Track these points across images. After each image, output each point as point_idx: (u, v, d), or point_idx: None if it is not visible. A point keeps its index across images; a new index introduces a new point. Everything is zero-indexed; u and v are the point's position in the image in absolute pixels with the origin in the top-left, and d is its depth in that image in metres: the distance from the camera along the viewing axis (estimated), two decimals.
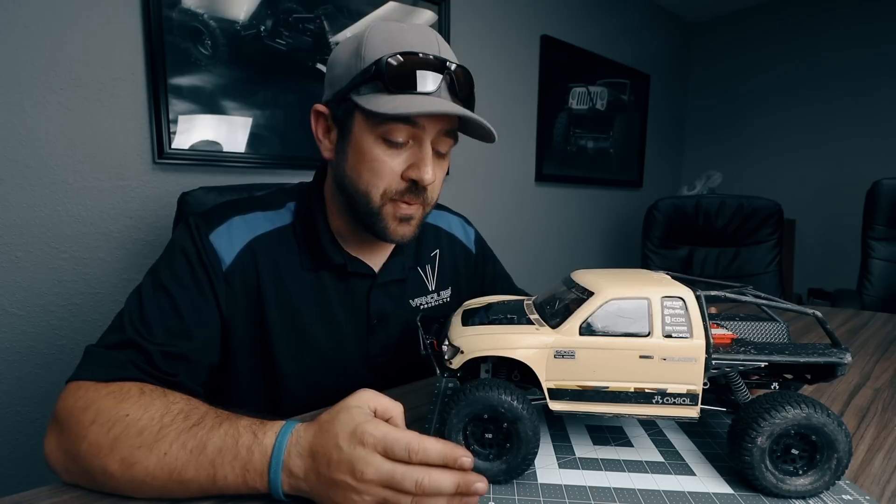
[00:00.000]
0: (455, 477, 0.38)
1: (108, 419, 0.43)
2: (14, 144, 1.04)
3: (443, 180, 0.65)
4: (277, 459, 0.39)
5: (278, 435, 0.40)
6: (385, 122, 0.55)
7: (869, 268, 1.81)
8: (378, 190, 0.58)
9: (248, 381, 0.64)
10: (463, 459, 0.38)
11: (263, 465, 0.39)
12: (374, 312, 0.68)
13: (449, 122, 0.59)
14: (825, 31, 2.59)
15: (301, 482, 0.39)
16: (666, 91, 2.98)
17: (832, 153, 2.59)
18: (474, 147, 1.98)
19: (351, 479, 0.37)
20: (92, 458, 0.42)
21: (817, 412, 0.40)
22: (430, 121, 0.56)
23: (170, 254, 0.59)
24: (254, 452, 0.39)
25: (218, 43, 1.27)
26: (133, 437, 0.41)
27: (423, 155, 0.57)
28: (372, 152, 0.57)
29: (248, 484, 0.39)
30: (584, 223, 2.59)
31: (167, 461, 0.40)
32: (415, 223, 0.63)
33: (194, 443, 0.41)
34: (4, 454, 1.10)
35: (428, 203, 0.63)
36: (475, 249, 0.85)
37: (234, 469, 0.39)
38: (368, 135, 0.57)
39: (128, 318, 0.53)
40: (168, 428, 0.42)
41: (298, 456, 0.39)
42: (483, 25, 1.94)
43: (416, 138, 0.58)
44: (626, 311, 0.43)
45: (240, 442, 0.40)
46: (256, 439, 0.40)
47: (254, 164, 1.37)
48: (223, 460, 0.40)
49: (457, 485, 0.37)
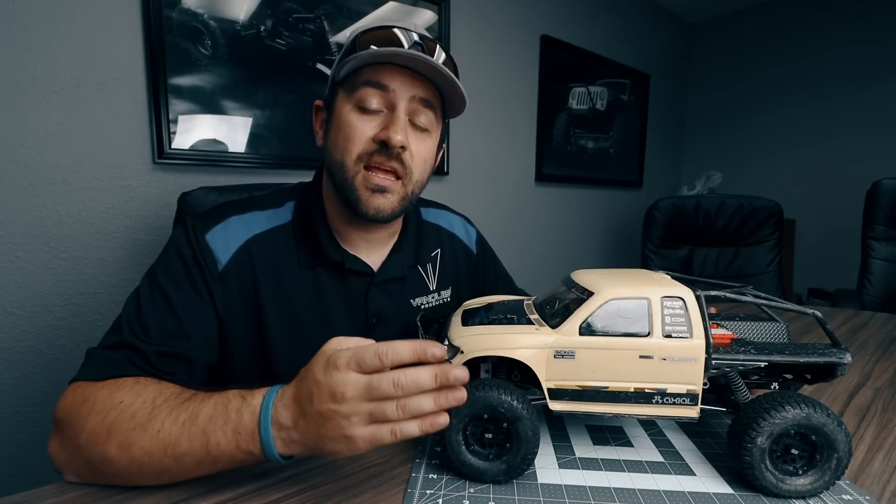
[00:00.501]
0: (431, 369, 0.38)
1: (104, 408, 0.44)
2: (14, 144, 1.04)
3: (428, 161, 0.64)
4: (266, 416, 0.39)
5: (265, 394, 0.41)
6: (358, 87, 0.58)
7: (869, 268, 1.81)
8: (351, 156, 0.59)
9: (247, 379, 0.63)
10: (433, 350, 0.39)
11: (253, 423, 0.40)
12: (372, 311, 0.68)
13: (423, 90, 0.60)
14: (825, 31, 2.59)
15: (292, 432, 0.39)
16: (666, 91, 2.98)
17: (832, 153, 2.59)
18: (474, 147, 1.98)
19: (334, 404, 0.37)
20: (92, 447, 0.43)
21: (817, 412, 0.40)
22: (401, 86, 0.58)
23: (166, 255, 0.60)
24: (243, 414, 0.40)
25: (218, 43, 1.27)
26: (127, 421, 0.42)
27: (394, 117, 0.58)
28: (347, 119, 0.59)
29: (241, 447, 0.40)
30: (584, 223, 2.59)
31: (161, 437, 0.41)
32: (392, 198, 0.61)
33: (185, 416, 0.42)
34: (5, 454, 1.10)
35: (409, 179, 0.62)
36: (476, 249, 0.85)
37: (226, 433, 0.40)
38: (346, 104, 0.60)
39: (125, 320, 0.54)
40: (160, 407, 0.43)
41: (285, 407, 0.40)
42: (483, 25, 1.94)
43: (388, 104, 0.59)
44: (626, 311, 0.43)
45: (229, 406, 0.41)
46: (245, 401, 0.41)
47: (254, 164, 1.37)
48: (214, 426, 0.40)
49: (434, 375, 0.38)
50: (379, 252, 0.69)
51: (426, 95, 0.60)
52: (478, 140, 1.99)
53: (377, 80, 0.58)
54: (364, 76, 0.58)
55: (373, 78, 0.58)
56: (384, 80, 0.58)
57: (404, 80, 0.59)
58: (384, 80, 0.58)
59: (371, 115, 0.59)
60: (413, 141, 0.60)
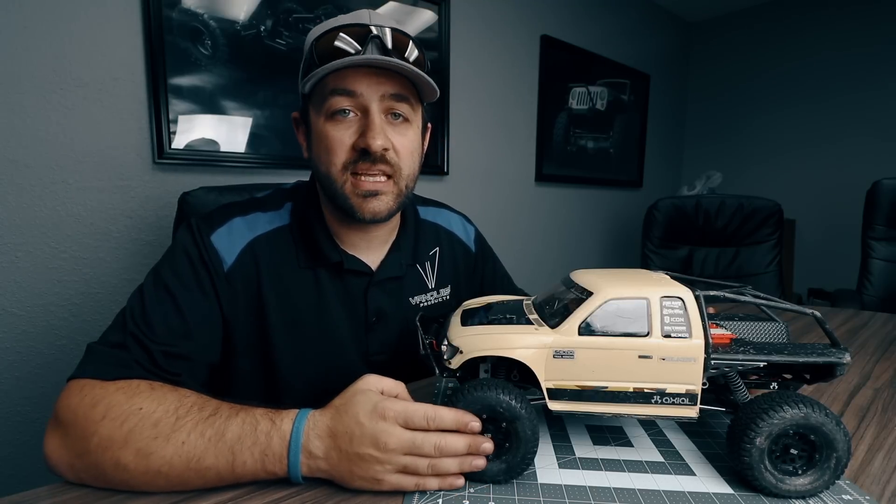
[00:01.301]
0: (466, 439, 0.42)
1: (121, 413, 0.44)
2: (14, 144, 1.04)
3: (415, 151, 0.63)
4: (297, 443, 0.41)
5: (295, 420, 0.43)
6: (326, 98, 0.58)
7: (869, 268, 1.81)
8: (336, 167, 0.59)
9: (248, 379, 0.64)
10: (472, 424, 0.42)
11: (283, 448, 0.41)
12: (371, 310, 0.68)
13: (392, 86, 0.59)
14: (825, 31, 2.59)
15: (321, 461, 0.41)
16: (666, 91, 2.98)
17: (832, 153, 2.59)
18: (474, 147, 1.98)
19: (375, 450, 0.40)
20: (103, 452, 0.42)
21: (815, 412, 0.40)
22: (367, 87, 0.57)
23: (172, 254, 0.60)
24: (272, 438, 0.42)
25: (218, 43, 1.27)
26: (149, 429, 0.43)
27: (369, 121, 0.58)
28: (323, 131, 0.59)
29: (267, 468, 0.41)
30: (584, 223, 2.59)
31: (185, 449, 0.41)
32: (387, 199, 0.61)
33: (212, 431, 0.42)
34: (4, 454, 1.10)
35: (400, 176, 0.61)
36: (475, 248, 0.85)
37: (254, 454, 0.41)
38: (318, 117, 0.60)
39: (130, 317, 0.53)
40: (184, 419, 0.43)
41: (318, 438, 0.42)
42: (483, 25, 1.94)
43: (360, 108, 0.58)
44: (625, 310, 0.43)
45: (258, 428, 0.42)
46: (274, 425, 0.42)
47: (254, 164, 1.37)
48: (242, 446, 0.41)
49: (468, 445, 0.42)
50: (378, 251, 0.69)
51: (396, 90, 0.59)
52: (477, 140, 1.99)
53: (343, 87, 0.57)
54: (330, 85, 0.57)
55: (339, 85, 0.57)
56: (350, 85, 0.57)
57: (371, 81, 0.57)
58: (350, 86, 0.57)
59: (345, 123, 0.58)
60: (394, 136, 0.60)
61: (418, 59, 0.60)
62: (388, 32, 0.57)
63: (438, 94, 0.62)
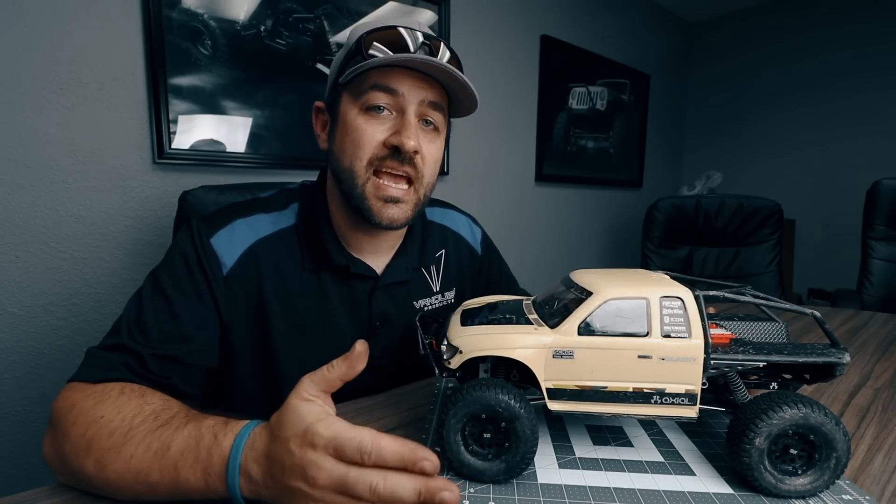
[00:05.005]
0: (416, 482, 0.34)
1: (86, 420, 0.43)
2: (14, 144, 1.04)
3: (437, 164, 0.64)
4: (234, 464, 0.37)
5: (236, 437, 0.38)
6: (365, 91, 0.57)
7: (869, 268, 1.81)
8: (361, 161, 0.58)
9: (250, 383, 0.64)
10: (424, 463, 0.34)
11: (222, 468, 0.37)
12: (375, 314, 0.67)
13: (432, 93, 0.59)
14: (825, 32, 2.59)
15: (260, 488, 0.37)
16: (666, 91, 2.98)
17: (832, 153, 2.59)
18: (474, 147, 1.98)
19: (304, 485, 0.34)
20: (73, 459, 0.42)
21: (815, 412, 0.39)
22: (410, 89, 0.57)
23: (170, 257, 0.59)
24: (213, 455, 0.38)
25: (218, 43, 1.27)
26: (104, 439, 0.41)
27: (405, 121, 0.57)
28: (355, 123, 0.58)
29: (210, 487, 0.38)
30: (584, 223, 2.59)
31: (133, 464, 0.40)
32: (406, 207, 0.61)
33: (158, 444, 0.40)
34: (4, 454, 1.10)
35: (421, 184, 0.61)
36: (481, 250, 0.84)
37: (196, 472, 0.38)
38: (352, 108, 0.59)
39: (125, 322, 0.54)
40: (136, 430, 0.41)
41: (255, 461, 0.37)
42: (483, 25, 1.94)
43: (397, 108, 0.58)
44: (625, 310, 0.43)
45: (201, 444, 0.39)
46: (216, 441, 0.39)
47: (254, 164, 1.37)
48: (185, 462, 0.38)
49: (418, 491, 0.33)
50: (384, 255, 0.69)
51: (435, 98, 0.60)
52: (478, 140, 2.00)
53: (386, 84, 0.57)
54: (372, 79, 0.57)
55: (381, 81, 0.57)
56: (393, 83, 0.57)
57: (413, 83, 0.58)
58: (393, 84, 0.57)
59: (379, 119, 0.58)
60: (424, 143, 0.60)
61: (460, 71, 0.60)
62: (441, 43, 0.59)
63: (476, 109, 0.63)
